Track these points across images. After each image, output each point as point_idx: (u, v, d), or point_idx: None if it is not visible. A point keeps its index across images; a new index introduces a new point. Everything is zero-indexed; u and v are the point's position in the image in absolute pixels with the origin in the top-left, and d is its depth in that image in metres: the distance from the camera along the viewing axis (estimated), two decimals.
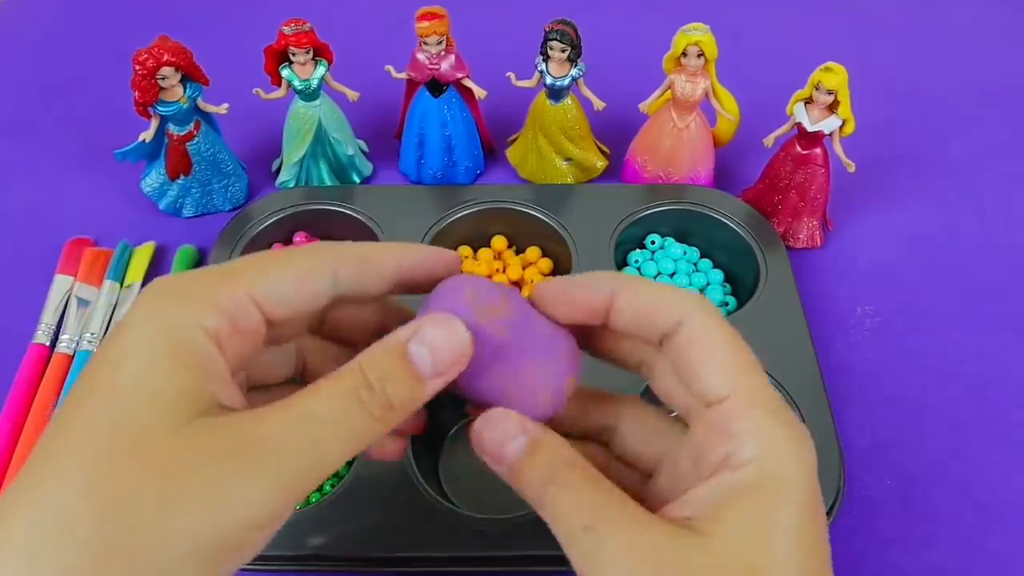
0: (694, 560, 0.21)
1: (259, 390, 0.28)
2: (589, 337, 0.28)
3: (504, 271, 0.54)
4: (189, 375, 0.21)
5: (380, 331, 0.26)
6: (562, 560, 0.24)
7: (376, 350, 0.24)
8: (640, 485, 0.27)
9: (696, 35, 0.52)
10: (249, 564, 0.23)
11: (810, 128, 0.52)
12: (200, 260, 0.56)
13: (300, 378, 0.29)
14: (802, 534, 0.22)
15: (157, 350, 0.21)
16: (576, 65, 0.54)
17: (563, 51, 0.53)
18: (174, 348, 0.21)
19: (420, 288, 0.28)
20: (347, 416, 0.23)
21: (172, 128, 0.54)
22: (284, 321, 0.25)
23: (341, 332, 0.30)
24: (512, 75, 0.57)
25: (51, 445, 0.21)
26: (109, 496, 0.20)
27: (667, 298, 0.25)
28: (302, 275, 0.24)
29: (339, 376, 0.23)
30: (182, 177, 0.57)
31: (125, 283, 0.54)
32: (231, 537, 0.21)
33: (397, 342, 0.24)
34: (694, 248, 0.56)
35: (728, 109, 0.55)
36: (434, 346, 0.24)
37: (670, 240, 0.56)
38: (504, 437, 0.25)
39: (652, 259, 0.55)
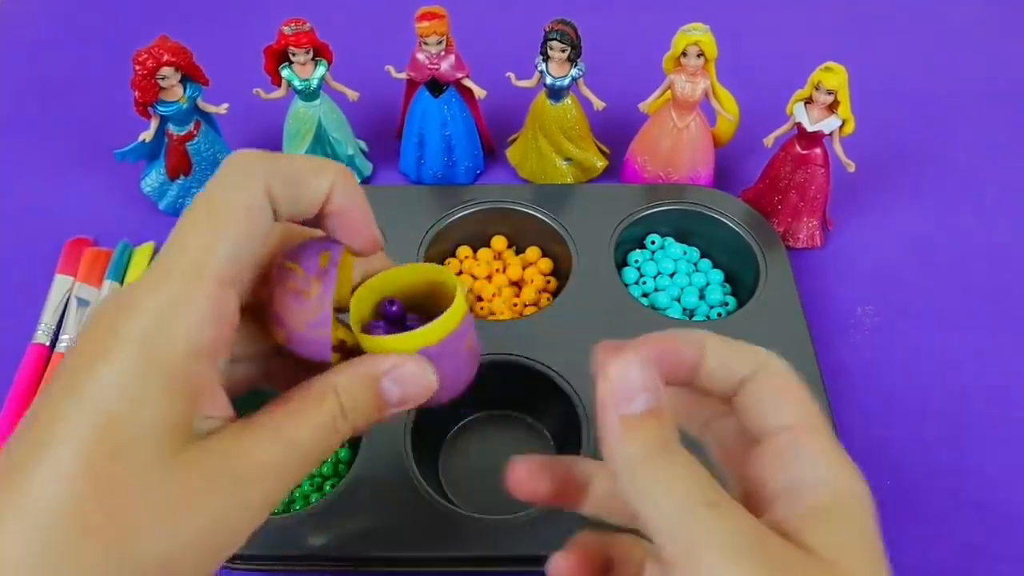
0: (798, 558, 0.22)
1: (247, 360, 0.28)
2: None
3: (504, 271, 0.54)
4: (180, 403, 0.22)
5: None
6: None
7: (354, 380, 0.25)
8: None
9: (696, 35, 0.52)
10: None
11: (810, 128, 0.52)
12: None
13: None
14: (876, 546, 0.23)
15: (148, 383, 0.21)
16: (576, 65, 0.54)
17: (563, 51, 0.53)
18: (165, 379, 0.22)
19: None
20: (325, 444, 0.24)
21: (172, 128, 0.54)
22: (253, 273, 0.25)
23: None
24: (512, 75, 0.57)
25: (38, 471, 0.20)
26: (101, 523, 0.20)
27: (747, 348, 0.26)
28: (246, 216, 0.24)
29: (319, 401, 0.24)
30: (182, 177, 0.57)
31: (125, 283, 0.54)
32: (208, 557, 0.22)
33: (373, 376, 0.25)
34: (694, 248, 0.56)
35: (728, 109, 0.55)
36: (407, 387, 0.26)
37: (670, 240, 0.56)
38: (644, 387, 0.24)
39: (652, 259, 0.55)
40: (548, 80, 0.55)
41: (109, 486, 0.20)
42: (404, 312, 0.28)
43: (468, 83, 0.56)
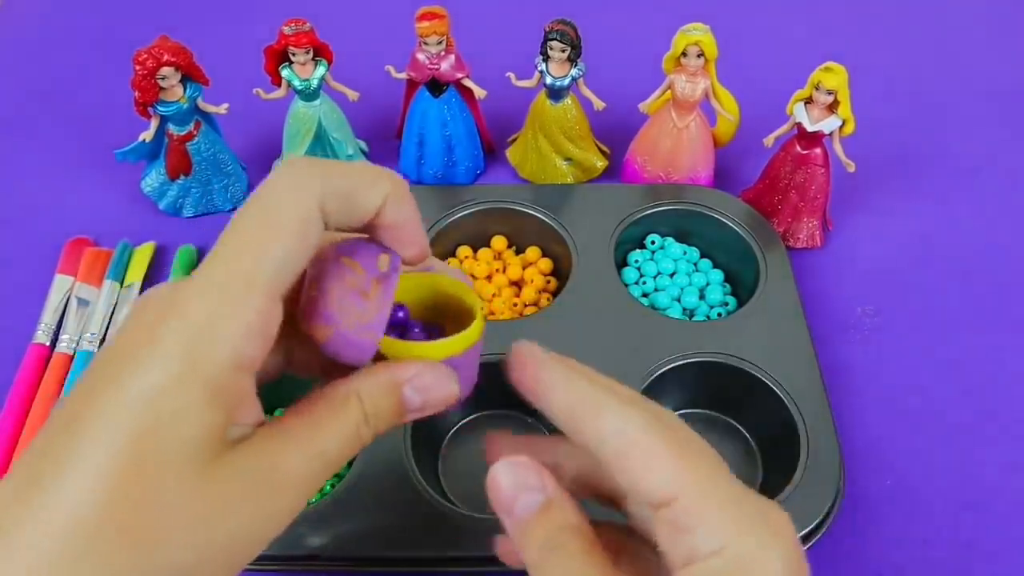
0: None
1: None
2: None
3: (504, 271, 0.54)
4: (218, 415, 0.22)
5: None
6: None
7: (377, 387, 0.25)
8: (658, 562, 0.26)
9: (696, 35, 0.52)
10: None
11: (810, 128, 0.52)
12: (200, 261, 0.56)
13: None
14: None
15: (190, 393, 0.21)
16: (576, 65, 0.54)
17: (563, 51, 0.53)
18: (207, 390, 0.21)
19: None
20: (348, 451, 0.25)
21: (172, 128, 0.54)
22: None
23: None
24: (512, 75, 0.57)
25: (73, 474, 0.20)
26: (131, 532, 0.20)
27: (588, 402, 0.25)
28: (300, 231, 0.23)
29: (344, 408, 0.25)
30: (182, 177, 0.57)
31: (125, 283, 0.54)
32: (233, 564, 0.23)
33: (396, 383, 0.26)
34: (694, 248, 0.56)
35: (728, 109, 0.55)
36: (428, 395, 0.26)
37: (670, 240, 0.56)
38: (521, 488, 0.26)
39: (652, 259, 0.55)
40: (548, 80, 0.55)
41: (142, 495, 0.20)
42: (409, 319, 0.28)
43: (468, 83, 0.56)
